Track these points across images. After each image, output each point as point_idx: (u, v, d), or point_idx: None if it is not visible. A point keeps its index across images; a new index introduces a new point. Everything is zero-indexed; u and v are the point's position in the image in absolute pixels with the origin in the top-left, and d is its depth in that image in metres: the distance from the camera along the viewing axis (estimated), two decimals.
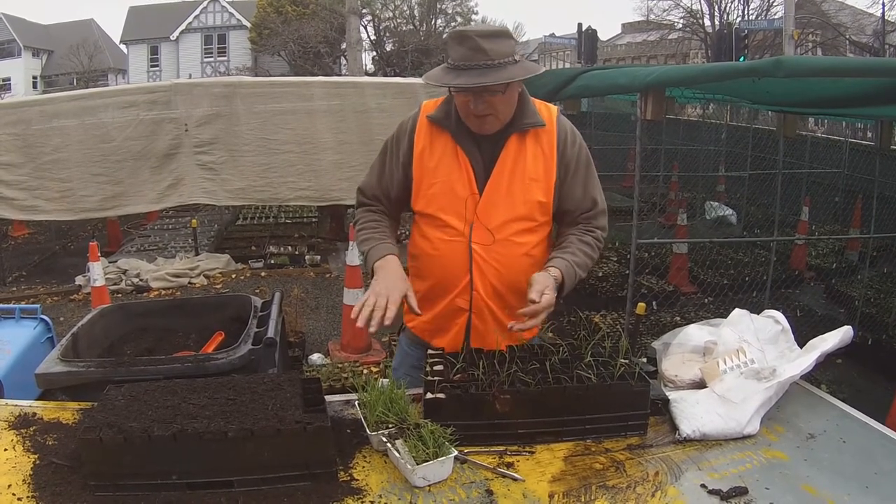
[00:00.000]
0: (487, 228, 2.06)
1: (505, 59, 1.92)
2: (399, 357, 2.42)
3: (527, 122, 2.07)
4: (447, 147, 2.10)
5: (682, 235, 8.04)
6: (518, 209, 2.08)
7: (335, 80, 10.22)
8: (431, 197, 2.11)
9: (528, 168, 2.08)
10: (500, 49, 1.91)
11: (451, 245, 2.09)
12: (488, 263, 2.07)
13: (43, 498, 1.48)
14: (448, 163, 2.09)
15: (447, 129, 2.10)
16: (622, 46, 42.75)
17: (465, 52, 1.91)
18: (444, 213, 2.09)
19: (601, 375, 1.79)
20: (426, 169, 2.11)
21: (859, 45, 25.01)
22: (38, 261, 8.90)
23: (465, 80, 1.91)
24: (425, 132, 2.13)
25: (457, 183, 2.08)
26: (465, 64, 1.91)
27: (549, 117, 2.12)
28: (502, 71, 1.90)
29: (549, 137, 2.10)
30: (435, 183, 2.10)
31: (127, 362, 2.23)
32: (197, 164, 7.43)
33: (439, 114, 2.11)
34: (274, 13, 28.35)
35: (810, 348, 1.99)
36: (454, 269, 2.09)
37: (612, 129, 13.03)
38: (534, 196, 2.09)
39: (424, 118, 2.13)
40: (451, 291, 2.11)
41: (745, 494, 1.52)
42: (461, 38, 1.94)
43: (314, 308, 6.92)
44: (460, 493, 1.54)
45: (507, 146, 2.08)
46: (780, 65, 3.51)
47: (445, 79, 1.96)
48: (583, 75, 5.59)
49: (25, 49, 40.38)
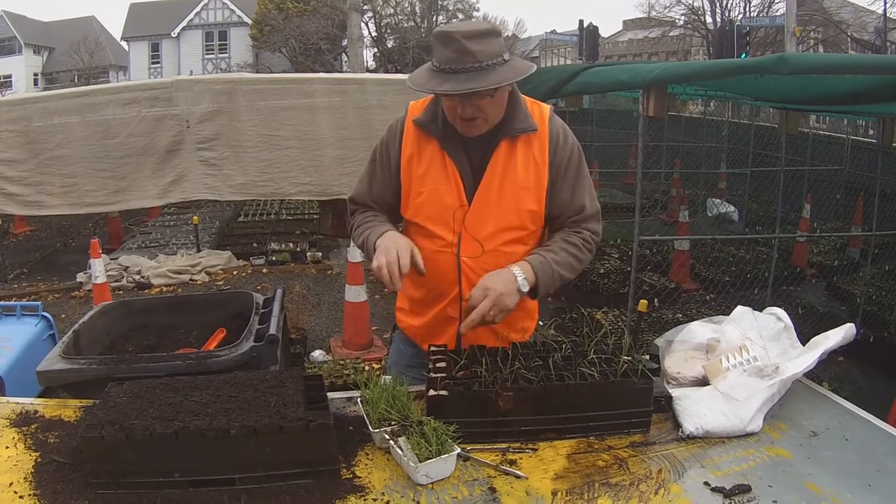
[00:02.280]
0: (476, 239, 2.01)
1: (493, 59, 1.84)
2: (394, 355, 2.39)
3: (518, 128, 2.00)
4: (435, 154, 2.03)
5: (683, 232, 8.03)
6: (508, 219, 2.02)
7: (336, 76, 10.23)
8: (419, 206, 2.05)
9: (519, 176, 2.01)
10: (487, 50, 1.83)
11: (440, 256, 2.03)
12: (477, 274, 1.99)
13: (44, 496, 1.48)
14: (436, 171, 2.02)
15: (434, 135, 2.03)
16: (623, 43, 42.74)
17: (450, 54, 1.83)
18: (432, 223, 2.04)
19: (604, 373, 1.78)
20: (414, 177, 2.05)
21: (861, 42, 24.97)
22: (39, 258, 8.92)
23: (451, 85, 1.82)
24: (412, 138, 2.06)
25: (444, 193, 2.01)
26: (451, 67, 1.83)
27: (541, 119, 2.04)
28: (491, 74, 1.82)
29: (541, 142, 2.03)
30: (422, 192, 2.04)
31: (128, 359, 2.23)
32: (199, 160, 7.49)
33: (426, 117, 2.04)
34: (275, 10, 28.30)
35: (813, 346, 1.99)
36: (443, 279, 2.05)
37: (613, 125, 13.02)
38: (525, 205, 2.02)
39: (411, 123, 2.06)
40: (441, 301, 2.08)
41: (748, 492, 1.52)
42: (446, 39, 1.84)
43: (316, 305, 6.93)
44: (463, 491, 1.54)
45: (497, 152, 2.00)
46: (784, 61, 3.49)
47: (431, 83, 1.87)
48: (584, 72, 5.57)
49: (26, 46, 40.36)
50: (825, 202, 9.51)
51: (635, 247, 5.01)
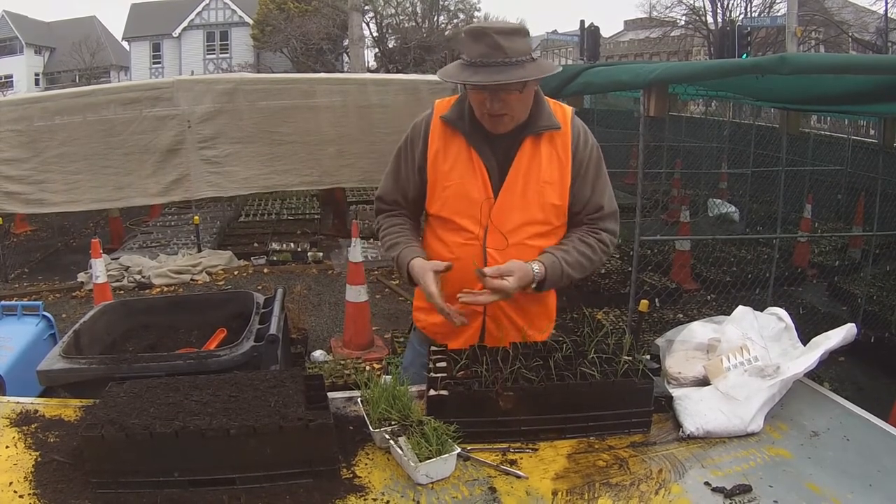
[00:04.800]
0: (501, 232, 2.05)
1: (522, 57, 1.89)
2: (410, 356, 2.41)
3: (542, 125, 2.05)
4: (461, 149, 2.07)
5: (684, 232, 8.02)
6: (533, 213, 2.06)
7: (338, 76, 10.29)
8: (446, 200, 2.09)
9: (543, 171, 2.05)
10: (517, 47, 1.88)
11: (467, 249, 2.07)
12: None
13: (44, 495, 1.48)
14: (462, 166, 2.07)
15: (461, 131, 2.07)
16: (625, 43, 42.71)
17: (482, 48, 1.88)
18: (459, 216, 2.08)
19: (605, 372, 1.78)
20: (440, 172, 2.09)
21: (862, 42, 24.94)
22: (40, 258, 8.92)
23: (482, 77, 1.87)
24: (439, 133, 2.10)
25: (471, 186, 2.06)
26: (482, 61, 1.88)
27: (563, 119, 2.09)
28: (520, 69, 1.87)
29: (564, 140, 2.08)
30: (449, 186, 2.08)
31: (129, 359, 2.23)
32: (201, 159, 7.58)
33: (453, 114, 2.08)
34: (276, 10, 28.30)
35: (814, 346, 1.99)
36: (470, 272, 2.04)
37: (614, 125, 13.00)
38: (549, 199, 2.07)
39: (438, 119, 2.10)
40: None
41: (749, 492, 1.52)
42: (479, 34, 1.90)
43: (316, 305, 6.93)
44: (463, 491, 1.54)
45: (522, 149, 2.05)
46: (785, 61, 3.49)
47: (462, 76, 1.92)
48: (586, 72, 5.57)
49: (28, 46, 40.40)
50: (826, 202, 9.49)
51: (636, 247, 5.01)
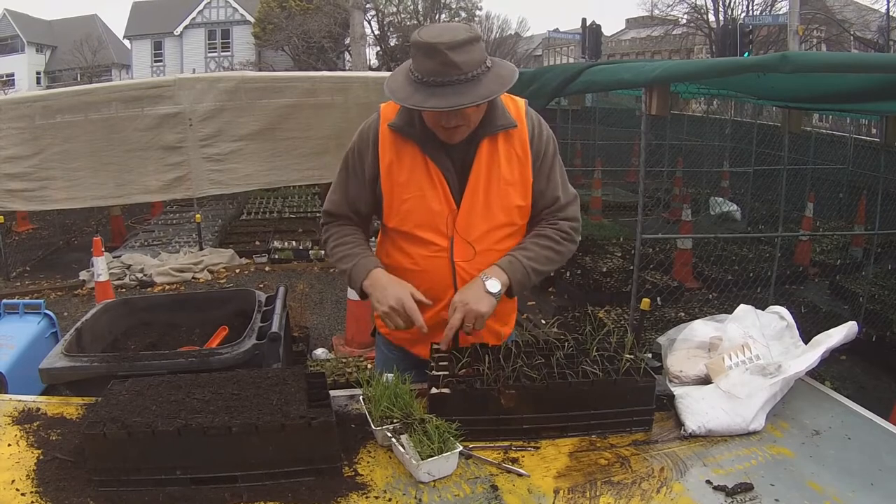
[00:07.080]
0: (468, 241, 1.99)
1: (477, 69, 1.78)
2: (380, 359, 2.33)
3: (498, 125, 1.96)
4: (416, 158, 1.96)
5: (686, 231, 8.02)
6: (497, 217, 2.00)
7: (339, 75, 10.29)
8: (406, 213, 1.99)
9: (503, 172, 1.98)
10: (472, 58, 1.77)
11: (434, 261, 2.01)
12: (471, 275, 1.98)
13: (46, 493, 1.48)
14: (419, 176, 1.96)
15: (412, 138, 1.96)
16: (626, 42, 42.62)
17: (435, 66, 1.75)
18: (422, 230, 1.99)
19: (606, 371, 1.78)
20: (396, 184, 1.98)
21: (864, 40, 24.86)
22: (41, 256, 8.93)
23: (438, 101, 1.75)
24: (389, 143, 1.98)
25: (431, 198, 1.96)
26: (434, 80, 1.76)
27: (517, 114, 2.01)
28: (478, 85, 1.77)
29: (521, 135, 2.00)
30: (407, 199, 1.98)
31: (131, 357, 2.23)
32: (203, 156, 7.62)
33: (401, 121, 1.96)
34: (277, 8, 28.32)
35: (815, 344, 1.98)
36: (438, 283, 2.01)
37: (616, 124, 12.99)
38: (512, 201, 2.01)
39: (386, 127, 1.98)
40: (436, 305, 2.01)
41: (751, 491, 1.52)
42: (429, 50, 1.76)
43: (318, 303, 6.93)
44: (465, 489, 1.54)
45: (479, 152, 1.96)
46: (787, 60, 3.49)
47: (415, 98, 1.79)
48: (587, 71, 5.56)
49: (29, 45, 40.41)
50: (828, 201, 9.48)
51: (638, 245, 5.01)
